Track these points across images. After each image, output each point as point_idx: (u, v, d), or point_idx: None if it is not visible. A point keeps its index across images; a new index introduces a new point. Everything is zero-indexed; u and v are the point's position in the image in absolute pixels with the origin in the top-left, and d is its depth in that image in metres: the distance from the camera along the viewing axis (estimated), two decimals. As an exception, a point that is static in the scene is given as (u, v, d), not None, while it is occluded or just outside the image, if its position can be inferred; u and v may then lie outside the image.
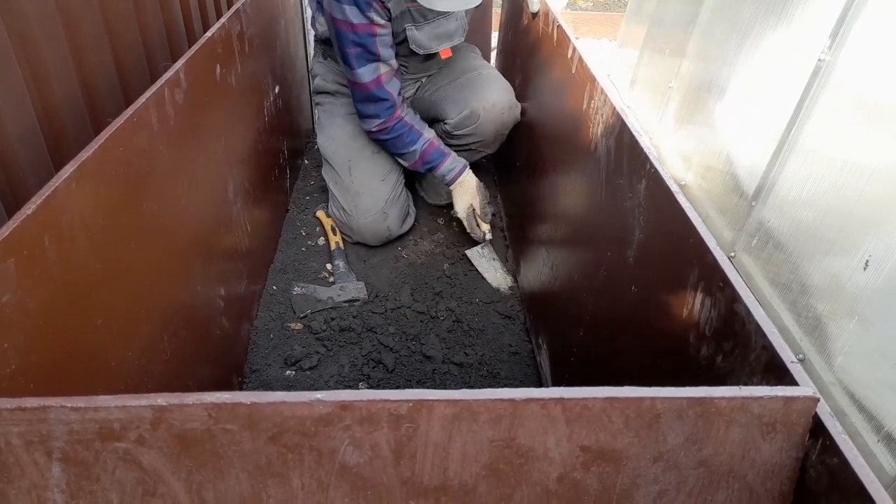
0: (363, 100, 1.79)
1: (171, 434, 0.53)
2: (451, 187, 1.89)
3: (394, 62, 1.76)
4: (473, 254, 1.95)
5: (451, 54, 1.90)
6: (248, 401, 0.52)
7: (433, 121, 2.00)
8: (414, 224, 2.09)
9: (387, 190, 1.93)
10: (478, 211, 1.92)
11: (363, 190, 1.92)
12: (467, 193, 1.89)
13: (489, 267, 1.92)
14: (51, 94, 1.19)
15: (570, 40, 1.42)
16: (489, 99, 1.87)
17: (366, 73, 1.72)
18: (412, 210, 2.09)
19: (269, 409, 0.53)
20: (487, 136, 1.92)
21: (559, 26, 1.52)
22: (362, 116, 1.84)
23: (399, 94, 1.81)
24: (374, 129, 1.83)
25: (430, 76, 2.05)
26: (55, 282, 0.77)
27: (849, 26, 1.67)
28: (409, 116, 1.84)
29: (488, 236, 1.94)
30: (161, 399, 0.52)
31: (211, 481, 0.56)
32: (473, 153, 2.01)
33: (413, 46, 1.80)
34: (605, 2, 5.63)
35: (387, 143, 1.87)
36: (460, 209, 1.91)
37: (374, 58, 1.71)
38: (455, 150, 1.95)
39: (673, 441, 0.56)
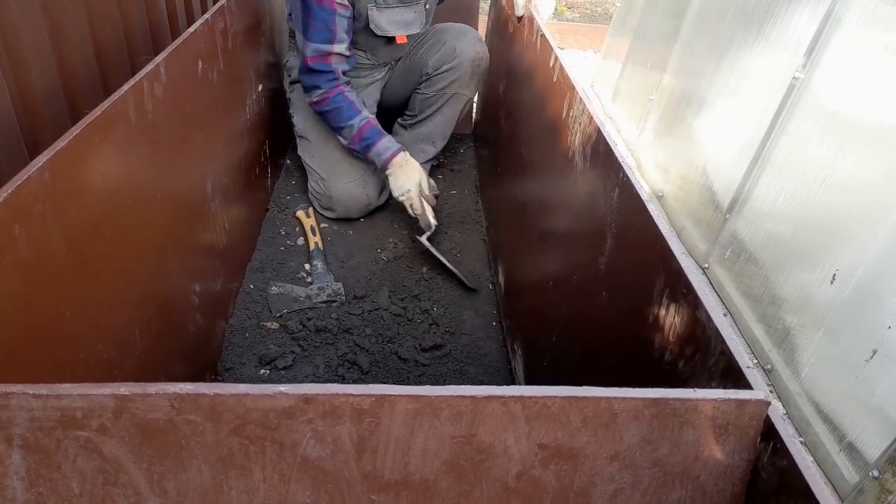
0: (308, 71, 1.86)
1: (133, 424, 0.54)
2: (390, 171, 1.89)
3: (346, 50, 1.85)
4: (426, 241, 1.86)
5: (406, 41, 1.99)
6: (212, 392, 0.53)
7: (414, 86, 2.13)
8: (394, 226, 2.10)
9: (364, 164, 2.03)
10: (425, 191, 1.89)
11: (341, 158, 2.02)
12: (415, 171, 1.89)
13: (441, 252, 1.87)
14: (29, 83, 1.18)
15: (552, 49, 1.44)
16: (462, 35, 2.07)
17: (318, 49, 1.81)
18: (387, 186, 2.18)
19: (233, 401, 0.53)
20: (465, 70, 2.06)
21: (542, 35, 1.55)
22: (306, 88, 1.91)
23: (345, 75, 1.89)
24: (314, 100, 1.89)
25: (400, 59, 2.15)
26: (25, 271, 0.76)
27: (823, 45, 1.71)
28: (351, 94, 1.90)
29: (435, 223, 1.91)
30: (124, 388, 0.53)
31: (172, 472, 0.56)
32: (454, 100, 2.12)
33: (372, 26, 1.90)
34: (592, 13, 5.70)
35: (327, 116, 1.92)
36: (411, 186, 1.87)
37: (331, 36, 1.79)
38: (436, 98, 2.09)
39: (629, 441, 0.57)
